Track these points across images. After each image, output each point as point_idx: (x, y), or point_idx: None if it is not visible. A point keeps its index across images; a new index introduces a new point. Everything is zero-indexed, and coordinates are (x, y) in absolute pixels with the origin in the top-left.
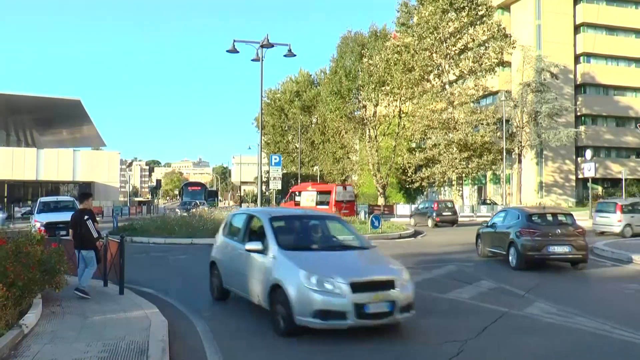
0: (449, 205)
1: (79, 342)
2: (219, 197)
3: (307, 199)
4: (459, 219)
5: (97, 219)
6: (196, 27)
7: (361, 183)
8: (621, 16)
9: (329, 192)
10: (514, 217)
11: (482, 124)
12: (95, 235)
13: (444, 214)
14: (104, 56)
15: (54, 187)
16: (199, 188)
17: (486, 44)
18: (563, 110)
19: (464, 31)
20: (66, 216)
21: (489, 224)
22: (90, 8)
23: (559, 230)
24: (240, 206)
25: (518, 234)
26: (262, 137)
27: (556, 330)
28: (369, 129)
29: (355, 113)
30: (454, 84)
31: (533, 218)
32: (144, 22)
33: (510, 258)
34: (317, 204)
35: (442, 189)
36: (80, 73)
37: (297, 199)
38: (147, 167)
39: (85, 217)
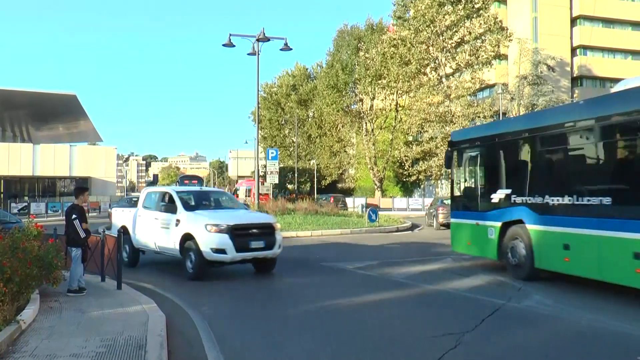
0: (342, 199)
1: (77, 337)
2: None
3: (241, 191)
4: None
5: (94, 214)
6: (192, 22)
7: (358, 177)
8: (618, 8)
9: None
10: (438, 202)
11: (479, 117)
12: (82, 235)
13: (339, 205)
14: (100, 51)
15: (50, 183)
16: (196, 181)
17: (483, 37)
18: (560, 103)
19: (461, 24)
20: (255, 217)
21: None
22: (85, 2)
23: None
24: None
25: (436, 211)
26: (259, 131)
27: (553, 323)
28: (366, 123)
29: (352, 107)
30: (451, 77)
31: (444, 202)
32: (140, 17)
33: (434, 224)
34: (245, 195)
35: (439, 182)
36: (76, 68)
37: (238, 192)
38: (144, 162)
39: (73, 216)
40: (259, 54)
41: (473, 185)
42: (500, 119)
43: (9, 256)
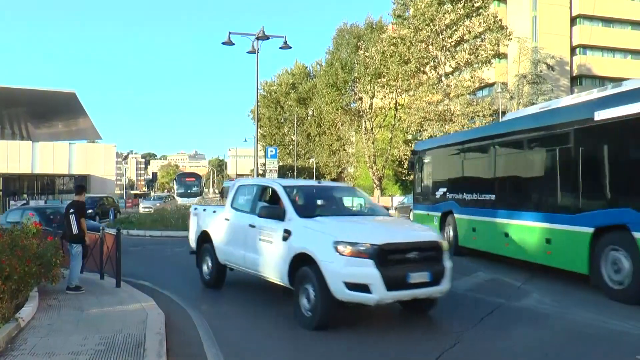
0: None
1: (76, 335)
2: (215, 190)
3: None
4: None
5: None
6: (192, 20)
7: (357, 175)
8: (617, 8)
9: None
10: None
11: (478, 115)
12: (75, 231)
13: None
14: (99, 49)
15: (49, 181)
16: (194, 179)
17: (482, 36)
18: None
19: (460, 23)
20: (411, 232)
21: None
22: (84, 1)
23: None
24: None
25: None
26: (258, 130)
27: (552, 321)
28: (365, 121)
29: (351, 105)
30: (450, 75)
31: None
32: (140, 15)
33: (410, 217)
34: None
35: None
36: (75, 66)
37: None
38: (143, 160)
39: (70, 210)
40: (258, 52)
41: (426, 185)
42: (500, 118)
43: (8, 254)
